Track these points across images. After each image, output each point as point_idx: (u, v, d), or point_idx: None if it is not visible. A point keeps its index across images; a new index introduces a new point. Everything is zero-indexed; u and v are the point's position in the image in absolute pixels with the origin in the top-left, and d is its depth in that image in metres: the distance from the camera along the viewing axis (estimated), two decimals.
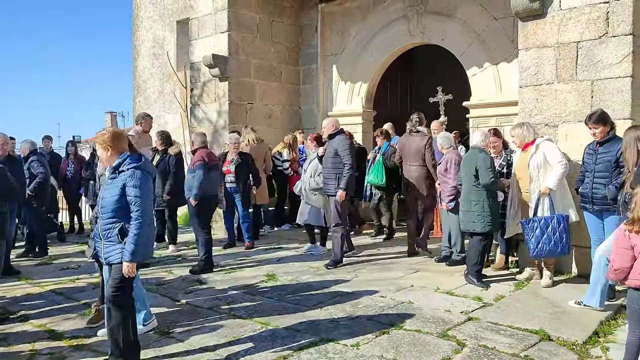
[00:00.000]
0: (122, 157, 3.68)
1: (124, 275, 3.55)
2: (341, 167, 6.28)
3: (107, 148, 3.69)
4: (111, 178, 3.69)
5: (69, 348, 4.04)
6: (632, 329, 3.32)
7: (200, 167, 6.42)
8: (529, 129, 5.51)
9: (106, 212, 3.63)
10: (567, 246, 5.15)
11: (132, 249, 3.51)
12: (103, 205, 3.65)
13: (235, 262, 6.86)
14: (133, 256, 3.51)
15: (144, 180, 3.63)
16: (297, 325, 4.37)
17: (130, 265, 3.52)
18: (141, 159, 3.74)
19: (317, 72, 10.23)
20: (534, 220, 5.20)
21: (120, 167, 3.65)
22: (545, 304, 4.83)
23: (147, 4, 12.83)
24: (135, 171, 3.61)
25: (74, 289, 5.73)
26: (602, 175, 4.85)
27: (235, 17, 9.35)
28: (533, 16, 5.85)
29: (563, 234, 5.10)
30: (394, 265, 6.43)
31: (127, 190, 3.57)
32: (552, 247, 5.11)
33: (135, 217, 3.54)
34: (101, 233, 3.66)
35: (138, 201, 3.54)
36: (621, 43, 5.32)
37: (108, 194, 3.64)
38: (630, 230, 3.16)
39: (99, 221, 3.69)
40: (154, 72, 12.73)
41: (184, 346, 4.01)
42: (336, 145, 6.33)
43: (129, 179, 3.58)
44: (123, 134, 3.87)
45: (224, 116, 9.40)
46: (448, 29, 8.53)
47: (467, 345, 3.89)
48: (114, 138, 3.73)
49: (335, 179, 6.32)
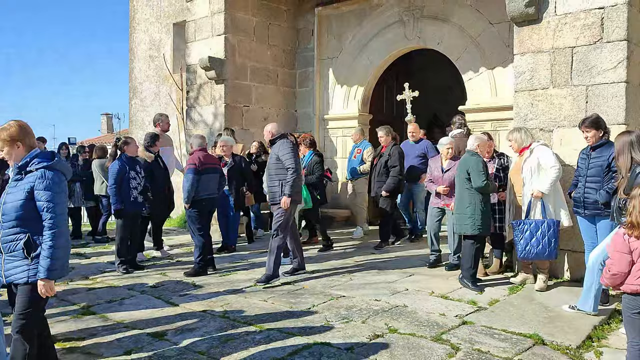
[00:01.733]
0: (31, 155, 3.11)
1: (34, 298, 3.03)
2: (284, 173, 5.88)
3: (16, 144, 3.10)
4: (16, 180, 3.11)
5: (62, 350, 4.01)
6: (630, 339, 3.26)
7: (190, 171, 6.38)
8: (526, 134, 5.54)
9: (8, 220, 3.04)
10: (555, 251, 5.19)
11: (48, 264, 2.97)
12: (4, 212, 3.05)
13: (230, 265, 6.85)
14: (50, 273, 2.99)
15: (57, 183, 3.08)
16: (291, 329, 4.36)
17: (46, 284, 3.00)
18: (54, 157, 3.17)
19: (313, 75, 10.26)
20: (524, 222, 5.24)
21: (28, 167, 3.09)
22: (539, 308, 4.84)
23: (144, 6, 12.83)
24: (46, 172, 3.06)
25: (67, 292, 5.70)
26: (594, 180, 4.86)
27: (231, 19, 9.36)
28: (528, 21, 5.88)
29: (552, 238, 5.13)
30: (389, 269, 6.43)
31: (36, 194, 3.02)
32: (540, 251, 5.15)
33: (49, 226, 3.00)
34: (1, 246, 3.08)
35: (51, 207, 3.00)
36: (616, 48, 5.35)
37: (11, 199, 3.06)
38: (630, 234, 3.14)
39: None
40: (150, 74, 12.72)
41: (178, 349, 3.99)
42: (277, 150, 5.96)
43: (39, 182, 3.03)
44: (30, 128, 3.20)
45: (220, 119, 9.39)
46: (444, 34, 8.57)
47: (461, 349, 3.89)
48: (23, 131, 3.13)
49: (279, 186, 5.92)
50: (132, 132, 13.02)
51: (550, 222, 5.16)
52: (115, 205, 6.45)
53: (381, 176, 7.48)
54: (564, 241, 5.58)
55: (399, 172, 7.38)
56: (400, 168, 7.40)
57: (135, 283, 5.99)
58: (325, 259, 7.07)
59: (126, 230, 6.56)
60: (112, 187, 6.42)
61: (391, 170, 7.36)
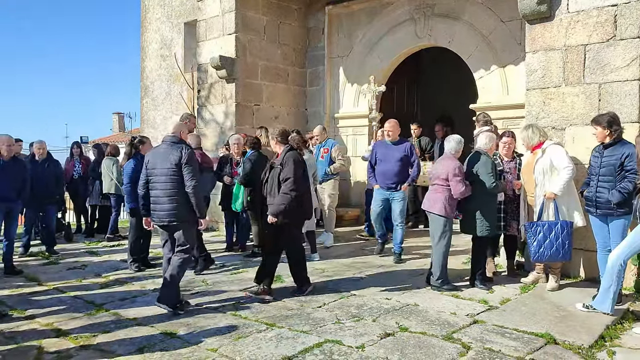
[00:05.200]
0: None
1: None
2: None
3: None
4: None
5: (75, 347, 4.06)
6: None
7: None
8: (534, 131, 5.46)
9: None
10: (569, 252, 5.14)
11: None
12: None
13: (240, 263, 6.88)
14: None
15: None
16: (301, 326, 4.38)
17: None
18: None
19: (323, 74, 10.25)
20: (537, 224, 5.19)
21: None
22: (551, 307, 4.81)
23: (155, 5, 12.90)
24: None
25: (81, 289, 5.76)
26: (606, 179, 4.82)
27: (242, 19, 9.39)
28: (540, 19, 5.84)
29: (566, 240, 5.09)
30: (400, 269, 6.42)
31: None
32: (554, 253, 5.10)
33: None
34: None
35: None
36: (629, 46, 5.30)
37: None
38: None
39: None
40: (161, 74, 12.79)
41: (190, 346, 4.02)
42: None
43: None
44: None
45: (231, 117, 9.43)
46: (455, 32, 8.53)
47: (473, 348, 3.88)
48: None
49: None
50: (144, 131, 13.09)
51: (564, 223, 5.12)
52: (130, 204, 6.49)
53: (273, 196, 5.27)
54: (577, 240, 5.53)
55: (291, 187, 5.12)
56: (294, 181, 5.13)
57: (147, 281, 6.04)
58: (335, 257, 7.08)
59: (140, 229, 6.61)
60: (126, 186, 6.46)
61: (283, 186, 5.20)
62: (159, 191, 4.90)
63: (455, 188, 5.33)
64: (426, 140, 9.07)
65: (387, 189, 6.83)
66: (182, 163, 4.82)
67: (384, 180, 6.86)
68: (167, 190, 4.85)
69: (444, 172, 5.43)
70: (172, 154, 4.87)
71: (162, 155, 4.94)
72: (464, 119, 8.87)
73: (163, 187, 4.87)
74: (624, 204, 4.67)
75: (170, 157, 4.85)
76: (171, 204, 4.83)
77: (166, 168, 4.85)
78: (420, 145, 8.92)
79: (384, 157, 6.88)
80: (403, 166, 6.82)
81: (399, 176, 6.79)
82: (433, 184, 5.55)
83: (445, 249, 5.46)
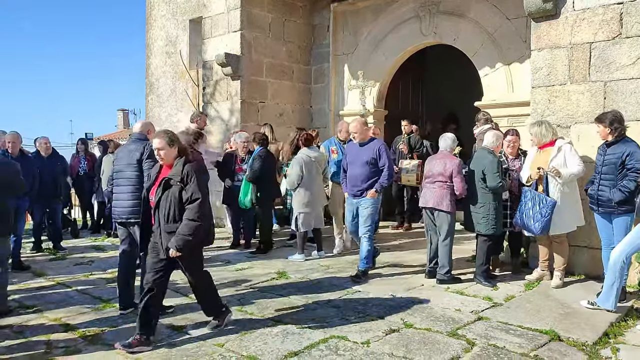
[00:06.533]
0: None
1: None
2: None
3: None
4: None
5: (83, 341, 4.11)
6: None
7: None
8: (547, 129, 5.38)
9: None
10: (542, 228, 5.23)
11: None
12: None
13: (246, 260, 6.92)
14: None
15: None
16: (307, 322, 4.41)
17: None
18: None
19: (328, 71, 10.26)
20: (533, 192, 5.31)
21: None
22: (555, 304, 4.83)
23: (161, 2, 12.91)
24: None
25: (88, 284, 5.81)
26: (608, 178, 4.83)
27: (247, 16, 9.41)
28: (546, 17, 5.84)
29: (546, 217, 5.18)
30: (405, 265, 6.45)
31: None
32: (527, 222, 5.31)
33: None
34: None
35: None
36: (635, 44, 5.30)
37: None
38: None
39: None
40: (166, 70, 12.81)
41: (196, 342, 4.06)
42: None
43: None
44: None
45: (236, 115, 9.45)
46: (460, 29, 8.53)
47: (477, 345, 3.91)
48: None
49: None
50: None
51: (551, 202, 5.16)
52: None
53: (171, 221, 4.00)
54: (580, 237, 5.57)
55: (200, 211, 3.95)
56: (202, 203, 3.98)
57: None
58: (340, 254, 7.10)
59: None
60: None
61: (187, 210, 3.96)
62: (121, 187, 4.88)
63: (459, 185, 5.43)
64: (416, 138, 8.73)
65: (353, 197, 5.96)
66: (143, 159, 4.82)
67: (351, 186, 5.97)
68: (128, 186, 4.82)
69: (448, 169, 5.46)
70: (136, 150, 4.88)
71: (126, 152, 4.96)
72: (470, 116, 8.87)
73: (125, 184, 4.84)
74: (626, 202, 4.68)
75: (133, 154, 4.86)
76: (132, 201, 4.76)
77: (126, 163, 4.86)
78: (410, 143, 8.64)
79: (353, 160, 5.99)
80: (371, 170, 5.81)
81: (366, 182, 5.81)
82: (434, 181, 5.58)
83: (452, 243, 5.60)
